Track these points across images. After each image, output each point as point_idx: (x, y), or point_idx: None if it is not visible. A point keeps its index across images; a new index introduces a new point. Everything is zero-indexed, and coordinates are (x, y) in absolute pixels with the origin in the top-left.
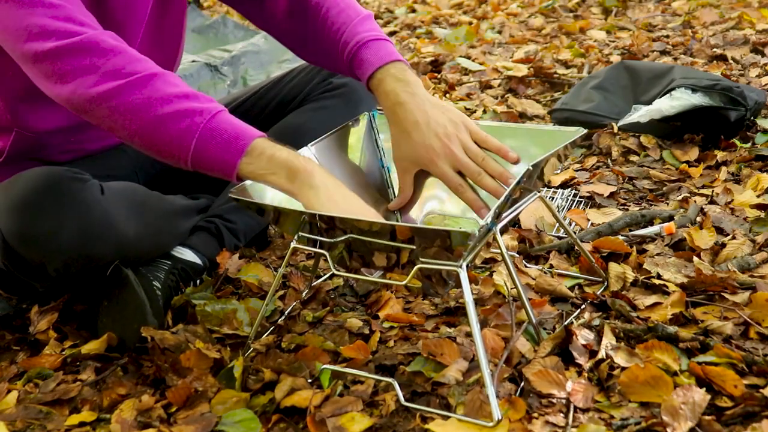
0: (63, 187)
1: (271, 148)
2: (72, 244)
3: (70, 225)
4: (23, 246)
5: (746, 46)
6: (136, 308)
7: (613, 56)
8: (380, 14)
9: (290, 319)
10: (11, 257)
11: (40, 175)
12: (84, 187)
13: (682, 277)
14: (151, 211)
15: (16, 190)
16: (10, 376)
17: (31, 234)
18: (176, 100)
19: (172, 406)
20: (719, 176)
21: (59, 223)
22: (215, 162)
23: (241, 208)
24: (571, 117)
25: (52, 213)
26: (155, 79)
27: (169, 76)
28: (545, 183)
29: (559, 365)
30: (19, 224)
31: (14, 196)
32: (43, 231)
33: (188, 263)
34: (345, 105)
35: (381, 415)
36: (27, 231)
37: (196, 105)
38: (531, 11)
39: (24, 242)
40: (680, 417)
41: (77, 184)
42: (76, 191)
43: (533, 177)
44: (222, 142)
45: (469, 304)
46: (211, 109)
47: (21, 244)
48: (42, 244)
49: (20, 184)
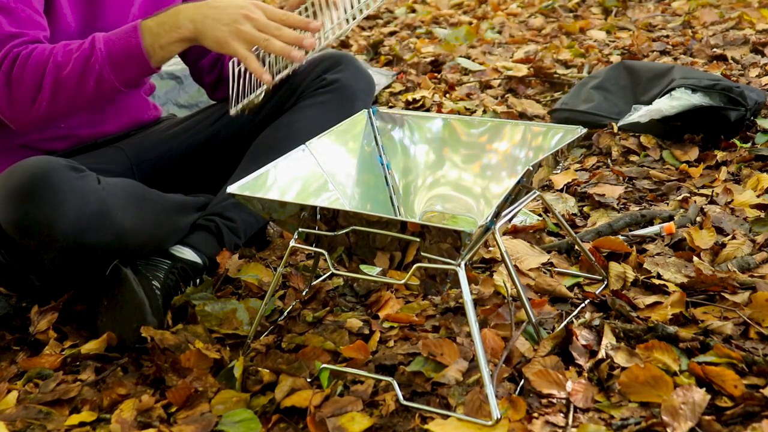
0: (60, 175)
1: (155, 17)
2: (68, 233)
3: (67, 213)
4: (20, 234)
5: (746, 46)
6: (135, 307)
7: (613, 56)
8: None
9: (290, 319)
10: (8, 247)
11: (37, 163)
12: (80, 176)
13: (682, 277)
14: (149, 204)
15: (13, 179)
16: (10, 376)
17: (27, 222)
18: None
19: (172, 406)
20: (719, 176)
21: (56, 211)
22: (129, 63)
23: (240, 205)
24: (571, 117)
25: (49, 201)
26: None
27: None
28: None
29: (559, 365)
30: (16, 212)
31: (11, 184)
32: (40, 219)
33: (188, 262)
34: (338, 100)
35: (381, 415)
36: (24, 219)
37: (84, 46)
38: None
39: (20, 230)
40: (680, 417)
41: (74, 173)
42: (73, 179)
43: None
44: (122, 52)
45: (468, 303)
46: (93, 41)
47: (17, 232)
48: (38, 232)
49: (17, 172)
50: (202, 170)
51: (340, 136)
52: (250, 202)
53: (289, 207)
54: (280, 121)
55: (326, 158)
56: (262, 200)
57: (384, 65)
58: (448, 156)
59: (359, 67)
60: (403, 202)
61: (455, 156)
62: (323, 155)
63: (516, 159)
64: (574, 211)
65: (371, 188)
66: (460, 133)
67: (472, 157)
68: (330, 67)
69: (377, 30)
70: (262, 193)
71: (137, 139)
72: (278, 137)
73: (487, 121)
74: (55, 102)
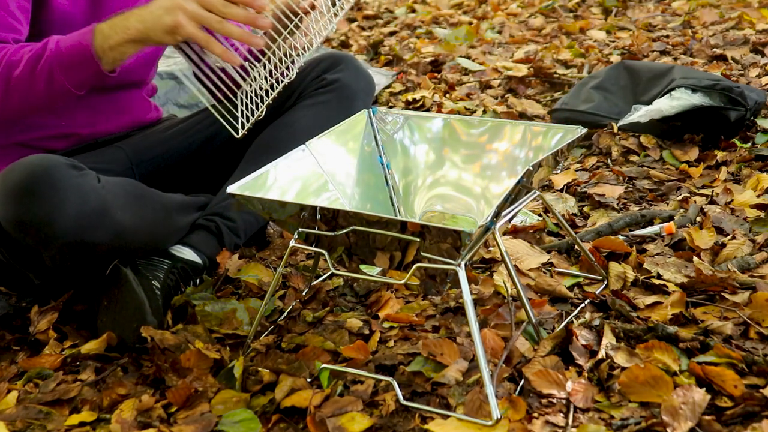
0: (60, 172)
1: (110, 19)
2: (68, 231)
3: (67, 211)
4: (20, 231)
5: (746, 46)
6: (135, 307)
7: (613, 56)
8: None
9: (290, 319)
10: (8, 245)
11: (37, 161)
12: (81, 174)
13: (682, 277)
14: (149, 203)
15: (13, 176)
16: (10, 376)
17: (27, 219)
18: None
19: (172, 406)
20: (719, 176)
21: (56, 209)
22: (78, 64)
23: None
24: (571, 117)
25: (49, 198)
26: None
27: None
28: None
29: (559, 365)
30: (16, 210)
31: (11, 181)
32: (40, 216)
33: (188, 262)
34: (338, 100)
35: (381, 415)
36: (23, 216)
37: (37, 47)
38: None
39: (20, 227)
40: (680, 417)
41: (74, 171)
42: (73, 177)
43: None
44: (71, 52)
45: (468, 303)
46: (47, 41)
47: (17, 230)
48: (38, 230)
49: (17, 170)
50: (202, 170)
51: (340, 136)
52: (250, 202)
53: (289, 207)
54: (280, 121)
55: (326, 158)
56: (262, 200)
57: (384, 65)
58: (448, 156)
59: (359, 67)
60: (403, 202)
61: (455, 156)
62: (323, 155)
63: (516, 159)
64: (574, 211)
65: (371, 188)
66: (460, 133)
67: (473, 157)
68: (330, 66)
69: (377, 30)
70: (262, 193)
71: (137, 138)
72: (278, 137)
73: (487, 121)
74: (8, 101)
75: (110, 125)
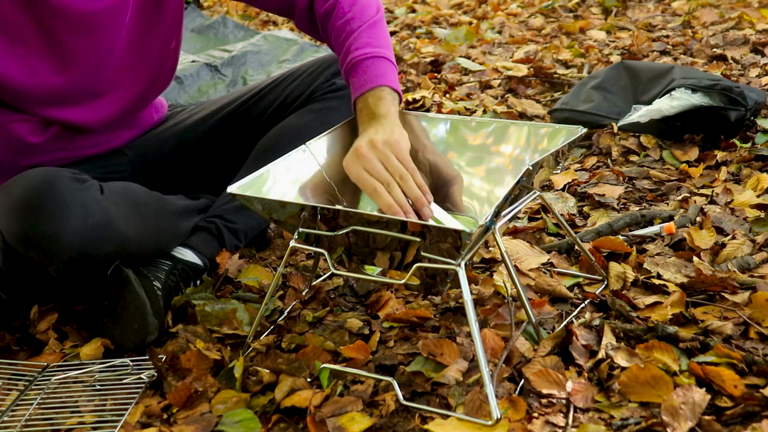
0: (63, 187)
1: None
2: (73, 245)
3: (71, 225)
4: (24, 247)
5: (746, 46)
6: (136, 308)
7: (613, 56)
8: None
9: (290, 319)
10: (12, 258)
11: (39, 175)
12: (83, 187)
13: (682, 277)
14: (152, 211)
15: (17, 191)
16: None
17: (31, 235)
18: None
19: (172, 406)
20: (719, 176)
21: (60, 223)
22: None
23: (242, 208)
24: (571, 117)
25: (53, 213)
26: None
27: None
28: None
29: (559, 365)
30: (20, 225)
31: (14, 196)
32: (44, 232)
33: (188, 263)
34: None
35: (381, 415)
36: (28, 232)
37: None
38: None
39: (25, 243)
40: (680, 417)
41: (77, 185)
42: (76, 191)
43: (533, 176)
44: None
45: (468, 304)
46: None
47: (22, 245)
48: (43, 245)
49: (20, 184)
50: (205, 170)
51: (340, 136)
52: (251, 202)
53: (289, 207)
54: (286, 123)
55: (327, 159)
56: (263, 200)
57: None
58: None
59: None
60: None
61: (456, 156)
62: (323, 155)
63: (517, 159)
64: (574, 211)
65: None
66: (462, 134)
67: (474, 157)
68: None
69: None
70: (262, 193)
71: (140, 141)
72: (284, 139)
73: (488, 121)
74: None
75: (120, 140)
